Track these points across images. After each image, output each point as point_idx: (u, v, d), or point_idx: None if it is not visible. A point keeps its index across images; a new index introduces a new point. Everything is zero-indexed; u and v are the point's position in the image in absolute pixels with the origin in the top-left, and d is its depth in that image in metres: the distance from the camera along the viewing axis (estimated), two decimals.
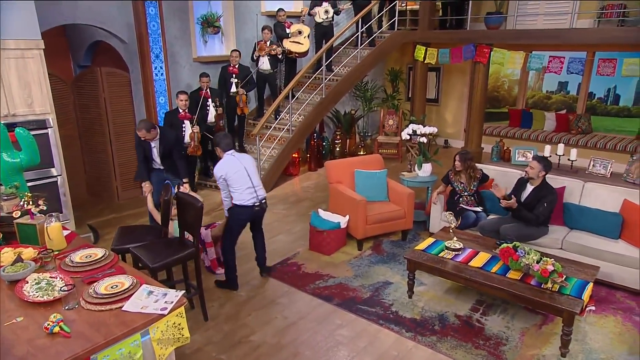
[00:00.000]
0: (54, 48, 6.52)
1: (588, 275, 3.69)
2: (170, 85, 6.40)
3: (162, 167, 5.03)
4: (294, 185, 7.49)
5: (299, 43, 7.80)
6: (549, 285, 3.51)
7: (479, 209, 4.96)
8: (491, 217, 4.92)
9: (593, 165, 5.10)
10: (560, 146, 5.37)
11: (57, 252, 3.08)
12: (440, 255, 4.09)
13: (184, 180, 5.02)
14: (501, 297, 3.82)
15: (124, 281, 2.67)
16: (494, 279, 3.70)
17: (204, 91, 6.62)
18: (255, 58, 7.62)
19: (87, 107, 6.30)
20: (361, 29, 8.00)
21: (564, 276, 3.55)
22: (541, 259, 3.65)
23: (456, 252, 4.10)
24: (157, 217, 4.59)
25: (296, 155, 7.88)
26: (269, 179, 7.12)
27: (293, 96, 7.50)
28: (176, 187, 4.77)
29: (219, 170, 4.20)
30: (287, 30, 7.83)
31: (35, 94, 4.61)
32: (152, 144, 4.89)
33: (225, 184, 4.22)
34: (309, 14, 8.10)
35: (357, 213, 4.96)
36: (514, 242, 3.91)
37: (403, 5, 8.96)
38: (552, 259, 3.62)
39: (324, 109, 7.87)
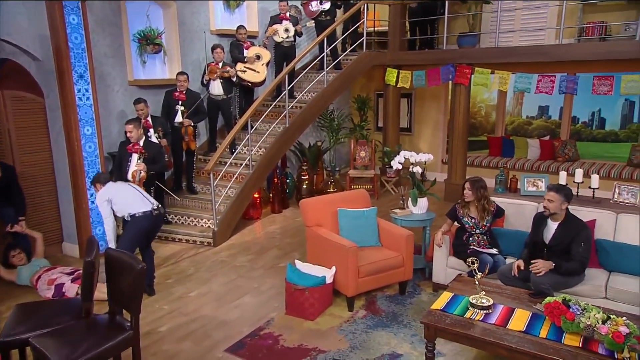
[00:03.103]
0: None
1: None
2: (100, 112, 5.33)
3: None
4: (256, 231, 6.48)
5: (254, 71, 7.01)
6: (626, 354, 2.72)
7: (494, 250, 4.19)
8: (509, 260, 4.15)
9: (619, 194, 4.53)
10: (579, 172, 4.79)
11: None
12: (467, 316, 3.23)
13: (20, 217, 4.95)
14: None
15: None
16: (549, 348, 2.86)
17: (142, 120, 5.60)
18: (205, 82, 6.73)
19: None
20: (326, 49, 7.35)
21: None
22: (608, 317, 2.86)
23: (486, 311, 3.25)
24: None
25: (257, 196, 6.91)
26: (226, 224, 6.08)
27: (251, 126, 6.61)
28: (9, 227, 4.86)
29: (102, 194, 4.36)
30: (245, 52, 7.03)
31: None
32: None
33: (109, 210, 4.35)
34: (267, 36, 7.36)
35: (347, 263, 4.04)
36: (563, 296, 3.12)
37: (363, 27, 8.40)
38: (624, 318, 2.85)
39: (288, 139, 7.03)
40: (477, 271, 3.38)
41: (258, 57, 7.05)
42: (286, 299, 4.18)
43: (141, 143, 5.09)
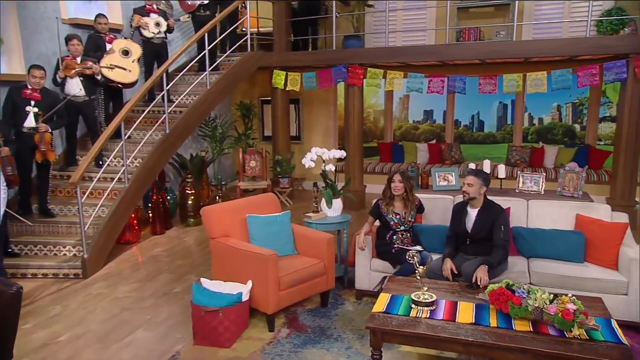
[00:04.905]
0: None
1: (600, 310, 3.12)
2: None
3: None
4: (136, 256, 5.71)
5: (124, 69, 6.30)
6: (576, 331, 2.80)
7: (418, 247, 4.17)
8: (435, 256, 4.16)
9: (523, 183, 4.89)
10: (486, 163, 5.08)
11: None
12: (412, 315, 3.10)
13: None
14: None
15: None
16: (504, 336, 2.84)
17: None
18: (59, 80, 5.83)
19: None
20: (207, 47, 6.91)
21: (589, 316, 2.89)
22: (555, 296, 2.95)
23: (430, 308, 3.16)
24: None
25: (133, 216, 6.12)
26: (98, 251, 5.25)
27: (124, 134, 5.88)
28: None
29: None
30: (107, 47, 6.28)
31: None
32: None
33: None
34: (134, 27, 6.70)
35: (267, 275, 3.66)
36: (506, 281, 3.17)
37: (243, 27, 8.18)
38: (570, 294, 2.95)
39: (168, 148, 6.41)
40: (418, 265, 3.29)
41: (126, 53, 6.35)
42: (194, 326, 3.64)
43: None
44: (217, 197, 7.37)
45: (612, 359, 2.60)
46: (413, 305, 3.18)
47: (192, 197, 6.85)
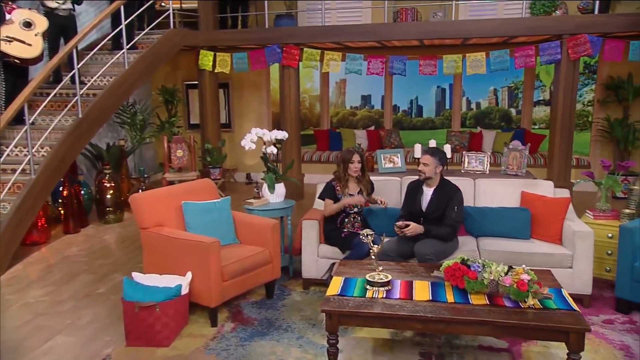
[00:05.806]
0: None
1: (550, 281, 3.35)
2: None
3: None
4: (47, 258, 5.36)
5: (24, 43, 5.91)
6: (531, 301, 3.00)
7: (369, 231, 4.24)
8: (385, 238, 4.27)
9: (468, 163, 5.14)
10: (432, 142, 5.27)
11: None
12: (368, 296, 3.17)
13: None
14: (470, 334, 3.12)
15: None
16: (462, 310, 2.98)
17: None
18: None
19: None
20: (124, 22, 6.61)
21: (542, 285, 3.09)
22: (510, 267, 3.13)
23: (385, 288, 3.24)
24: None
25: (41, 213, 5.75)
26: (1, 253, 4.86)
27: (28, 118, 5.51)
28: None
29: None
30: (8, 17, 5.85)
31: None
32: None
33: None
34: None
35: (209, 265, 3.58)
36: (461, 257, 3.32)
37: (163, 4, 7.93)
38: (523, 266, 3.14)
39: (82, 134, 6.08)
40: (372, 244, 3.36)
41: (28, 25, 5.96)
42: (126, 326, 3.48)
43: None
44: (140, 191, 7.10)
45: (566, 324, 2.80)
46: (368, 287, 3.25)
47: (111, 191, 6.54)
